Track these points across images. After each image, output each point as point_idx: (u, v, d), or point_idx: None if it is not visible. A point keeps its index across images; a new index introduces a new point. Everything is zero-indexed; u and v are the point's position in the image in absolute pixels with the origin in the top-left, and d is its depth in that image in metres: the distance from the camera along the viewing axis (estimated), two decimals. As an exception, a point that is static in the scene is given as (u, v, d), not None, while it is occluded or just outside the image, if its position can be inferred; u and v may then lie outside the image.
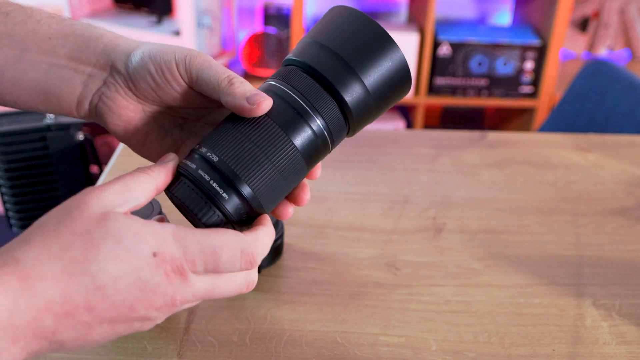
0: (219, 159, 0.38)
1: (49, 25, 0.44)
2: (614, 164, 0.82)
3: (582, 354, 0.51)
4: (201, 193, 0.38)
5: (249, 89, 0.40)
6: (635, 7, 1.86)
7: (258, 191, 0.39)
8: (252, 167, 0.38)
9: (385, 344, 0.51)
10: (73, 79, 0.44)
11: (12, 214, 0.82)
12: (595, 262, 0.62)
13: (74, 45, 0.43)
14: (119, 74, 0.43)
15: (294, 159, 0.40)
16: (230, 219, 0.39)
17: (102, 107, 0.44)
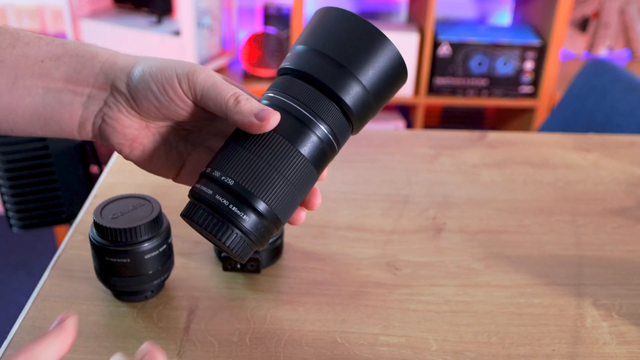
0: (235, 182, 0.39)
1: (39, 47, 0.42)
2: (614, 164, 0.82)
3: (582, 354, 0.51)
4: (220, 217, 0.39)
5: (256, 105, 0.41)
6: (635, 7, 1.86)
7: (274, 206, 0.40)
8: (266, 185, 0.40)
9: (385, 344, 0.51)
10: (72, 101, 0.43)
11: (12, 214, 0.82)
12: (595, 262, 0.62)
13: (69, 66, 0.42)
14: (120, 93, 0.42)
15: (304, 169, 0.41)
16: (251, 237, 0.40)
17: (106, 127, 0.43)
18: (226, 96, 0.41)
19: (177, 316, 0.53)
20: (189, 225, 0.42)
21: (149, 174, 0.76)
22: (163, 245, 0.53)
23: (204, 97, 0.41)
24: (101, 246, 0.51)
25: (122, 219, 0.51)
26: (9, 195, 0.80)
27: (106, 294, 0.55)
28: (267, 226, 0.41)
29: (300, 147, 0.41)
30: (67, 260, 0.60)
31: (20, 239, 1.94)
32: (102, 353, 0.49)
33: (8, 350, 0.49)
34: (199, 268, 0.59)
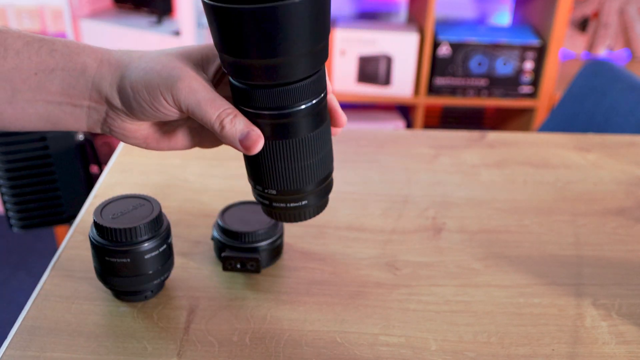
0: (277, 190, 0.46)
1: (29, 58, 0.42)
2: (614, 164, 0.82)
3: (581, 353, 0.51)
4: (289, 212, 0.47)
5: (240, 129, 0.42)
6: (634, 7, 1.86)
7: (318, 179, 0.46)
8: (304, 178, 0.45)
9: (385, 343, 0.51)
10: (74, 112, 0.44)
11: (12, 214, 0.82)
12: (595, 262, 0.62)
13: (63, 81, 0.43)
14: (115, 108, 0.44)
15: (314, 141, 0.44)
16: (319, 205, 0.48)
17: (116, 134, 0.45)
18: (211, 119, 0.42)
19: (177, 316, 0.53)
20: None
21: (149, 174, 0.76)
22: (163, 245, 0.53)
23: (190, 113, 0.43)
24: (101, 246, 0.51)
25: (122, 219, 0.51)
26: (9, 195, 0.80)
27: (106, 294, 0.55)
28: (324, 189, 0.47)
29: (298, 135, 0.43)
30: (67, 260, 0.60)
31: (20, 238, 1.94)
32: (102, 353, 0.49)
33: (8, 350, 0.49)
34: (199, 268, 0.59)
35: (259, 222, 0.59)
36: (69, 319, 0.53)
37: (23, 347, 0.49)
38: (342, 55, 1.70)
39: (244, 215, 0.60)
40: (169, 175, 0.75)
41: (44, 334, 0.51)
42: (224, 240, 0.58)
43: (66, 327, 0.52)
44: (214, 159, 0.80)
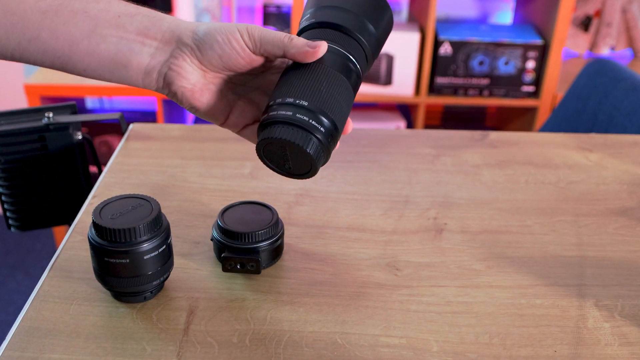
0: (308, 102, 0.48)
1: (118, 5, 0.50)
2: (617, 164, 0.82)
3: (584, 355, 0.50)
4: (303, 130, 0.47)
5: (305, 39, 0.50)
6: (637, 6, 1.86)
7: (337, 120, 0.49)
8: (330, 104, 0.49)
9: (386, 345, 0.51)
10: (141, 51, 0.50)
11: (10, 214, 0.82)
12: (598, 263, 0.62)
13: (141, 23, 0.50)
14: (186, 46, 0.50)
15: (349, 92, 0.51)
16: (324, 144, 0.49)
17: (171, 74, 0.51)
18: (281, 36, 0.50)
19: (177, 317, 0.53)
20: (264, 155, 0.50)
21: (148, 174, 0.76)
22: (162, 246, 0.52)
23: (263, 42, 0.50)
24: (100, 247, 0.50)
25: (121, 219, 0.51)
26: (7, 195, 0.80)
27: (105, 295, 0.55)
28: (334, 136, 0.49)
29: (346, 76, 0.51)
30: (65, 261, 0.59)
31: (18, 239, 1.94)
32: (100, 354, 0.49)
33: (6, 351, 0.49)
34: (199, 268, 0.59)
35: (258, 223, 0.59)
36: (67, 320, 0.52)
37: (21, 348, 0.49)
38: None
39: (244, 216, 0.60)
40: (169, 175, 0.75)
41: (43, 335, 0.50)
42: (224, 240, 0.58)
43: (65, 328, 0.51)
44: (213, 159, 0.79)
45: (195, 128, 0.88)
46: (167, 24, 0.51)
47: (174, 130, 0.86)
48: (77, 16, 0.49)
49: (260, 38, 0.50)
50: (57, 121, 0.79)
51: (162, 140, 0.83)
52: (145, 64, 0.51)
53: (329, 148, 0.49)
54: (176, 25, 0.51)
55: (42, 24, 0.49)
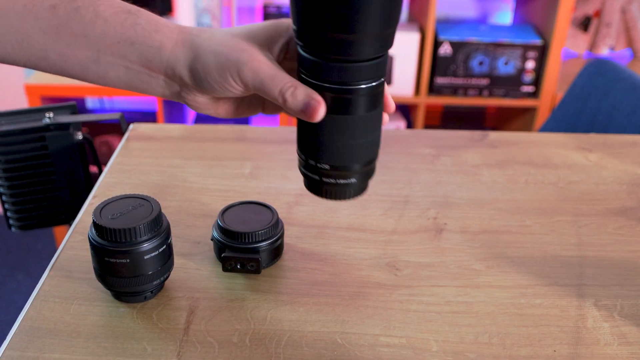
0: (330, 166, 0.48)
1: (114, 28, 0.47)
2: (616, 164, 0.82)
3: (583, 354, 0.50)
4: (336, 188, 0.50)
5: (301, 99, 0.45)
6: (637, 6, 1.86)
7: (367, 158, 0.50)
8: (351, 155, 0.48)
9: (386, 344, 0.51)
10: (151, 82, 0.49)
11: (11, 214, 0.82)
12: (597, 263, 0.62)
13: (141, 54, 0.48)
14: (187, 85, 0.49)
15: (373, 123, 0.49)
16: (358, 184, 0.50)
17: (191, 105, 0.50)
18: (274, 94, 0.46)
19: (177, 317, 0.53)
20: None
21: (148, 174, 0.76)
22: (163, 246, 0.52)
23: (257, 91, 0.47)
24: (100, 246, 0.50)
25: (122, 219, 0.51)
26: (7, 195, 0.80)
27: (105, 295, 0.55)
28: (368, 173, 0.51)
29: (354, 111, 0.46)
30: (66, 261, 0.59)
31: (19, 239, 1.94)
32: (101, 354, 0.49)
33: (7, 351, 0.49)
34: (199, 268, 0.59)
35: (259, 223, 0.59)
36: (68, 319, 0.52)
37: (22, 348, 0.49)
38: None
39: (244, 216, 0.60)
40: (169, 175, 0.75)
41: (43, 335, 0.51)
42: (224, 240, 0.58)
43: (65, 327, 0.51)
44: (213, 159, 0.79)
45: (196, 128, 0.88)
46: (167, 58, 0.48)
47: (174, 130, 0.87)
48: (79, 40, 0.47)
49: (252, 87, 0.46)
50: (58, 121, 0.79)
51: (162, 140, 0.83)
52: (159, 92, 0.50)
53: (366, 181, 0.51)
54: (174, 60, 0.48)
55: (47, 46, 0.47)
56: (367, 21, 0.43)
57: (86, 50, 0.47)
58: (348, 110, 0.46)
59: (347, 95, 0.46)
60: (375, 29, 0.43)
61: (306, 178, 0.52)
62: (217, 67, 0.46)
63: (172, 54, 0.47)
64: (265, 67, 0.46)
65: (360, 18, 0.42)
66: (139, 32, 0.47)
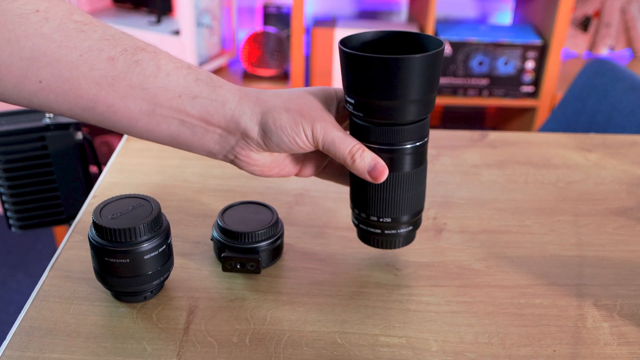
0: (391, 219, 0.54)
1: (177, 81, 0.47)
2: (616, 164, 0.82)
3: (583, 354, 0.50)
4: (392, 239, 0.56)
5: (368, 162, 0.50)
6: (636, 6, 1.86)
7: (414, 209, 0.55)
8: (402, 208, 0.53)
9: (386, 344, 0.51)
10: (205, 136, 0.49)
11: (11, 214, 0.82)
12: (597, 263, 0.62)
13: (203, 108, 0.48)
14: (251, 139, 0.49)
15: (418, 176, 0.53)
16: (408, 233, 0.56)
17: (239, 162, 0.52)
18: (344, 153, 0.50)
19: (177, 317, 0.53)
20: None
21: (148, 174, 0.76)
22: (163, 246, 0.52)
23: (325, 149, 0.50)
24: (100, 246, 0.51)
25: (122, 219, 0.51)
26: (7, 195, 0.80)
27: (105, 295, 0.55)
28: (416, 222, 0.56)
29: (401, 168, 0.52)
30: (66, 261, 0.59)
31: (19, 239, 1.94)
32: (101, 354, 0.49)
33: (7, 351, 0.49)
34: (199, 268, 0.59)
35: (259, 223, 0.59)
36: (67, 319, 0.52)
37: (22, 348, 0.49)
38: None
39: (244, 216, 0.60)
40: (169, 175, 0.75)
41: (43, 335, 0.51)
42: (224, 240, 0.58)
43: (65, 327, 0.51)
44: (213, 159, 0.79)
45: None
46: (231, 111, 0.48)
47: (174, 130, 0.86)
48: (135, 92, 0.46)
49: (323, 145, 0.50)
50: (58, 121, 0.79)
51: (162, 141, 0.83)
52: (209, 148, 0.50)
53: (414, 231, 0.56)
54: (240, 114, 0.49)
55: (98, 97, 0.46)
56: (410, 90, 0.48)
57: (141, 102, 0.47)
58: (395, 167, 0.51)
59: (394, 155, 0.51)
60: (417, 95, 0.48)
61: (358, 228, 0.57)
62: (291, 123, 0.48)
63: (238, 108, 0.49)
64: (335, 127, 0.50)
65: (403, 87, 0.48)
66: (201, 86, 0.48)
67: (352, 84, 0.49)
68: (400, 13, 1.95)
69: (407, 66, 0.47)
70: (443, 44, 0.49)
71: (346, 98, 0.51)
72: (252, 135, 0.49)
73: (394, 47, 0.52)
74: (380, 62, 0.47)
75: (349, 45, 0.51)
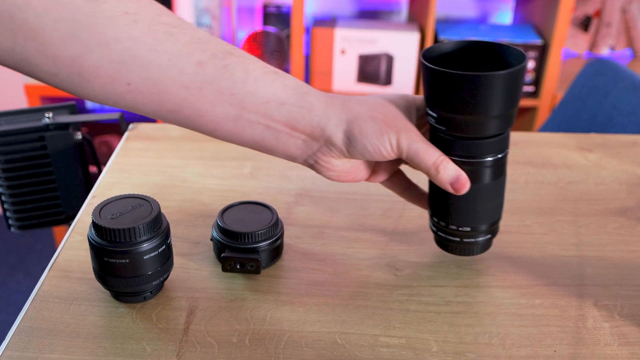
0: (471, 228, 0.55)
1: (265, 87, 0.48)
2: (616, 164, 0.82)
3: (583, 355, 0.50)
4: (472, 246, 0.57)
5: (452, 174, 0.51)
6: (637, 6, 1.86)
7: (492, 218, 0.56)
8: (482, 218, 0.55)
9: (386, 344, 0.51)
10: (288, 141, 0.50)
11: (10, 214, 0.82)
12: (597, 263, 0.62)
13: (290, 114, 0.48)
14: (334, 146, 0.50)
15: (497, 189, 0.55)
16: (485, 241, 0.58)
17: (318, 167, 0.52)
18: (428, 164, 0.50)
19: (176, 317, 0.53)
20: None
21: (148, 174, 0.76)
22: (162, 246, 0.52)
23: (409, 159, 0.50)
24: (100, 247, 0.50)
25: (121, 219, 0.51)
26: (7, 195, 0.80)
27: (105, 295, 0.55)
28: (493, 230, 0.57)
29: (481, 180, 0.53)
30: (65, 261, 0.59)
31: (18, 239, 1.94)
32: (100, 354, 0.49)
33: (6, 351, 0.49)
34: (199, 268, 0.59)
35: (258, 223, 0.59)
36: (67, 320, 0.52)
37: (21, 349, 0.49)
38: (342, 55, 1.69)
39: (244, 216, 0.60)
40: (169, 175, 0.75)
41: (42, 335, 0.50)
42: (224, 240, 0.58)
43: (64, 328, 0.51)
44: (213, 159, 0.79)
45: (195, 128, 0.88)
46: (317, 119, 0.49)
47: (173, 130, 0.86)
48: (223, 97, 0.47)
49: (407, 155, 0.50)
50: (57, 121, 0.79)
51: (162, 140, 0.83)
52: (291, 153, 0.51)
53: (490, 240, 0.58)
54: (326, 121, 0.49)
55: (186, 101, 0.46)
56: (493, 105, 0.49)
57: (229, 107, 0.47)
58: (476, 179, 0.52)
59: (475, 167, 0.52)
60: (499, 111, 0.49)
61: (436, 235, 0.58)
62: (376, 132, 0.49)
63: (324, 115, 0.49)
64: (419, 138, 0.50)
65: (486, 103, 0.49)
66: (289, 93, 0.49)
67: (435, 99, 0.50)
68: (401, 13, 1.95)
69: (491, 83, 0.47)
70: (526, 57, 0.50)
71: (428, 111, 0.52)
72: (336, 143, 0.49)
73: (475, 58, 0.53)
74: (464, 78, 0.48)
75: (430, 56, 0.52)
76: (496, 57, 0.52)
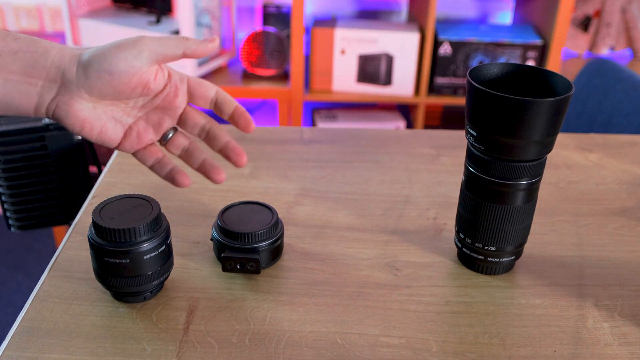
0: (496, 247, 0.56)
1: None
2: (616, 164, 0.82)
3: (583, 355, 0.50)
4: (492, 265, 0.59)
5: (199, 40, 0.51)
6: (637, 6, 1.86)
7: (516, 242, 0.57)
8: (509, 239, 0.56)
9: (386, 345, 0.51)
10: (28, 90, 0.49)
11: (10, 214, 0.82)
12: (597, 263, 0.62)
13: (24, 61, 0.48)
14: (71, 82, 0.49)
15: (527, 213, 0.56)
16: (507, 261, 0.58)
17: (59, 112, 0.50)
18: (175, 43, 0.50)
19: (177, 317, 0.53)
20: None
21: (148, 174, 0.76)
22: (162, 246, 0.52)
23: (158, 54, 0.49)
24: (100, 247, 0.50)
25: (121, 219, 0.51)
26: (7, 195, 0.80)
27: (105, 295, 0.55)
28: (518, 252, 0.59)
29: (513, 202, 0.54)
30: (65, 261, 0.59)
31: (18, 239, 1.94)
32: (100, 354, 0.49)
33: (6, 351, 0.49)
34: (199, 268, 0.59)
35: (258, 223, 0.59)
36: (67, 320, 0.52)
37: (21, 349, 0.49)
38: (342, 55, 1.69)
39: (244, 216, 0.60)
40: (169, 175, 0.75)
41: (42, 335, 0.50)
42: (224, 240, 0.58)
43: (64, 328, 0.51)
44: (213, 158, 0.79)
45: (195, 128, 0.88)
46: (51, 59, 0.48)
47: (173, 130, 0.86)
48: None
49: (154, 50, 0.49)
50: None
51: (161, 140, 0.83)
52: (34, 103, 0.49)
53: (514, 261, 0.59)
54: (60, 59, 0.49)
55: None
56: (535, 131, 0.50)
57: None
58: (508, 201, 0.53)
59: (509, 189, 0.53)
60: (540, 137, 0.50)
61: (459, 250, 0.59)
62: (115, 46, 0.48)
63: (58, 54, 0.49)
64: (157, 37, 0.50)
65: (529, 128, 0.49)
66: (21, 43, 0.49)
67: (477, 118, 0.51)
68: (401, 13, 1.95)
69: (537, 109, 0.48)
70: (573, 87, 0.50)
71: (468, 129, 0.53)
72: (69, 76, 0.48)
73: (522, 81, 0.54)
74: (512, 102, 0.48)
75: (477, 76, 0.52)
76: (541, 83, 0.53)
